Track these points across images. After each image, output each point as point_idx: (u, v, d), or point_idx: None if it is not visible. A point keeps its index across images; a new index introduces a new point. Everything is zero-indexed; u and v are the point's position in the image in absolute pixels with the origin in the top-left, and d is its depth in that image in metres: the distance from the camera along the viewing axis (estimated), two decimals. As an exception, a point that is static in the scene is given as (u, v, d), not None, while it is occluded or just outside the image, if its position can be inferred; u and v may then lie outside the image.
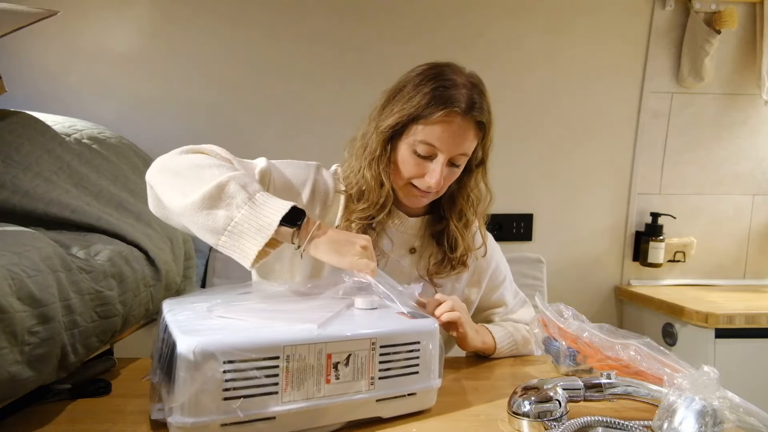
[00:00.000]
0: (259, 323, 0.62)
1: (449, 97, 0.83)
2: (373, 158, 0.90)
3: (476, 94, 0.86)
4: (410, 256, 0.98)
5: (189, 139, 1.57)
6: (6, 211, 0.92)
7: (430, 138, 0.84)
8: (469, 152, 0.88)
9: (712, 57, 1.58)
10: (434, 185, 0.85)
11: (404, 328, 0.68)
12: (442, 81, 0.86)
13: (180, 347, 0.54)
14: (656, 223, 1.66)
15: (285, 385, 0.58)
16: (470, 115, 0.84)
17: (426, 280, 0.96)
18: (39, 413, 0.70)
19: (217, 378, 0.54)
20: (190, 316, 0.64)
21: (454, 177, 0.90)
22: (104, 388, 0.77)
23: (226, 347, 0.55)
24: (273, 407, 0.58)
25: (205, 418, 0.54)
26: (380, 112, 0.90)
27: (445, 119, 0.83)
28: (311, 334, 0.60)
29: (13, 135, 1.03)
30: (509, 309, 1.05)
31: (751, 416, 0.57)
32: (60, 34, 1.53)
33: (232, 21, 1.56)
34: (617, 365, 0.78)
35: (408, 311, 0.73)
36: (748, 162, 1.70)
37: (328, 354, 0.61)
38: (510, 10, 1.59)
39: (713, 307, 1.38)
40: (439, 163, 0.85)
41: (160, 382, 0.62)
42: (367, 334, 0.64)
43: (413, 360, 0.68)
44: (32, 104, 1.39)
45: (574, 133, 1.65)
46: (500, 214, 1.68)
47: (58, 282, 0.71)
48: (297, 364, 0.59)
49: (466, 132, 0.85)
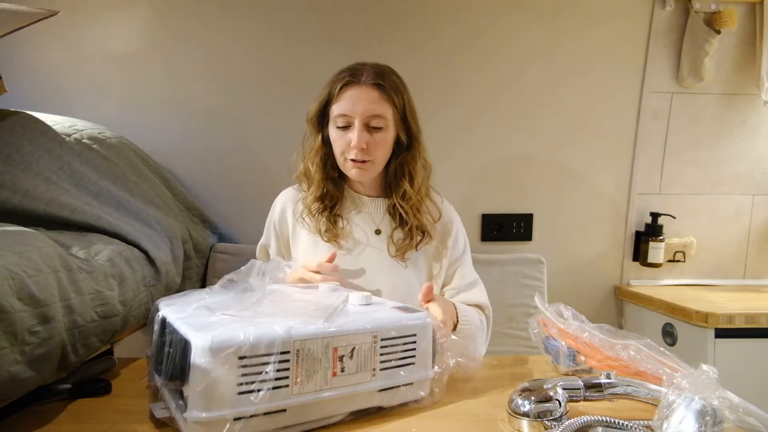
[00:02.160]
0: (267, 320, 0.63)
1: (349, 74, 0.99)
2: (313, 150, 1.06)
3: (376, 70, 1.00)
4: (377, 237, 1.08)
5: (189, 139, 1.59)
6: (6, 211, 0.92)
7: (342, 109, 0.98)
8: (384, 114, 0.99)
9: (712, 57, 1.58)
10: (355, 144, 0.97)
11: (402, 321, 0.72)
12: (345, 68, 1.02)
13: (195, 344, 0.55)
14: (656, 223, 1.66)
15: (295, 379, 0.61)
16: (369, 83, 0.98)
17: (396, 259, 1.06)
18: (39, 413, 0.70)
19: (231, 373, 0.56)
20: (194, 314, 0.65)
21: (384, 143, 1.01)
22: (104, 388, 0.77)
23: (241, 343, 0.57)
24: (284, 400, 0.60)
25: (220, 412, 0.56)
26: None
27: (348, 90, 0.98)
28: (319, 329, 0.63)
29: (13, 135, 1.03)
30: (463, 286, 1.11)
31: (750, 416, 0.57)
32: (60, 34, 1.53)
33: (232, 21, 1.56)
34: (617, 365, 0.78)
35: (401, 306, 0.78)
36: (748, 162, 1.70)
37: (335, 348, 0.64)
38: (509, 9, 1.59)
39: (713, 307, 1.38)
40: (355, 128, 0.98)
41: (165, 380, 0.62)
42: (369, 328, 0.68)
43: (410, 351, 0.72)
44: (32, 104, 1.39)
45: (574, 132, 1.65)
46: (500, 214, 1.68)
47: (58, 282, 0.71)
48: (306, 358, 0.61)
49: (369, 95, 0.97)
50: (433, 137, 1.62)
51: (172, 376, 0.60)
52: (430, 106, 1.62)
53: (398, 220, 1.07)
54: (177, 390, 0.61)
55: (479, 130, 1.64)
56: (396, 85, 1.02)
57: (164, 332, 0.66)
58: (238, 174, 1.61)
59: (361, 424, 0.67)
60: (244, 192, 1.61)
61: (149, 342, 0.71)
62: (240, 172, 1.61)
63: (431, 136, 1.63)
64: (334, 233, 1.05)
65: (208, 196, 1.60)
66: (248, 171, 1.61)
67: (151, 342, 0.70)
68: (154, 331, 0.68)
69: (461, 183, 1.65)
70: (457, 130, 1.64)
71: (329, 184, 1.07)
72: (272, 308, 0.72)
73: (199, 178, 1.60)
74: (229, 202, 1.61)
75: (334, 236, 1.05)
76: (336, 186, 1.08)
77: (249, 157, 1.61)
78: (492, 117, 1.64)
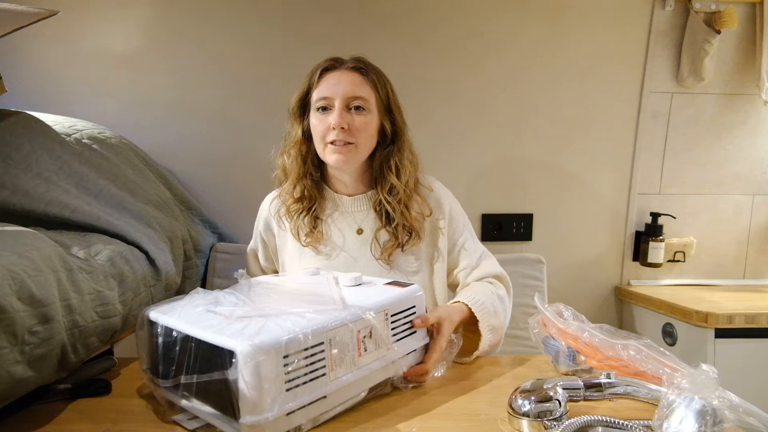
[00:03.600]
0: (285, 314, 0.66)
1: (330, 60, 1.00)
2: (292, 142, 1.04)
3: (358, 57, 1.01)
4: (359, 238, 1.04)
5: (189, 139, 1.59)
6: (6, 211, 0.92)
7: (322, 93, 0.97)
8: (366, 96, 0.97)
9: (712, 57, 1.58)
10: (335, 122, 0.94)
11: (402, 296, 0.79)
12: (324, 59, 1.02)
13: (240, 351, 0.56)
14: (656, 223, 1.66)
15: (331, 366, 0.65)
16: (349, 67, 0.98)
17: (380, 261, 1.01)
18: (39, 413, 0.70)
19: (278, 372, 0.59)
20: (212, 323, 0.65)
21: (368, 125, 0.98)
22: (104, 388, 0.78)
23: (282, 343, 0.59)
24: (324, 387, 0.64)
25: (273, 412, 0.58)
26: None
27: (328, 75, 0.98)
28: (343, 316, 0.67)
29: (13, 135, 1.03)
30: (473, 262, 1.06)
31: (750, 416, 0.57)
32: (60, 34, 1.53)
33: (232, 21, 1.56)
34: (617, 365, 0.78)
35: (390, 281, 0.84)
36: (748, 162, 1.70)
37: (358, 330, 0.69)
38: (509, 9, 1.59)
39: (713, 307, 1.37)
40: (336, 107, 0.96)
41: (186, 394, 0.64)
42: (381, 307, 0.73)
43: (409, 321, 0.79)
44: (32, 104, 1.39)
45: (574, 132, 1.65)
46: (500, 214, 1.68)
47: (58, 282, 0.71)
48: (337, 345, 0.66)
49: (350, 77, 0.97)
50: (433, 137, 1.64)
51: (208, 389, 0.62)
52: (430, 106, 1.62)
53: (384, 219, 1.02)
54: (208, 398, 0.62)
55: (479, 130, 1.64)
56: (379, 73, 1.01)
57: (172, 345, 0.65)
58: (238, 174, 1.61)
59: (362, 423, 0.67)
60: (244, 192, 1.61)
61: (144, 357, 0.71)
62: (240, 172, 1.61)
63: (431, 136, 1.64)
64: (314, 237, 1.03)
65: (208, 196, 1.60)
66: (248, 171, 1.61)
67: (149, 355, 0.70)
68: (158, 344, 0.68)
69: (461, 183, 1.65)
70: (457, 129, 1.64)
71: (308, 182, 1.03)
72: (276, 302, 0.72)
73: (199, 178, 1.60)
74: (229, 202, 1.61)
75: (314, 240, 1.03)
76: (316, 185, 1.04)
77: (249, 157, 1.61)
78: (492, 117, 1.64)
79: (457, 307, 0.93)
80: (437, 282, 1.06)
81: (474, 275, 1.05)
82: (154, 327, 0.69)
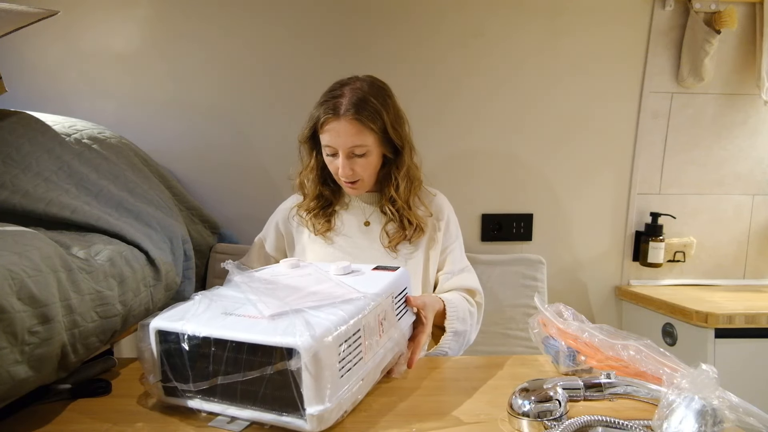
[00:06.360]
0: (325, 309, 0.68)
1: (328, 107, 1.03)
2: (308, 167, 1.14)
3: (354, 98, 1.02)
4: (366, 229, 1.15)
5: (189, 139, 1.59)
6: (6, 211, 0.92)
7: (326, 141, 1.05)
8: (365, 143, 1.04)
9: (712, 57, 1.58)
10: (341, 175, 1.07)
11: (398, 279, 0.85)
12: (328, 94, 1.05)
13: (301, 346, 0.59)
14: (656, 223, 1.66)
15: (365, 350, 0.70)
16: (349, 117, 1.01)
17: (387, 250, 1.12)
18: (39, 413, 0.70)
19: (334, 362, 0.62)
20: (247, 325, 0.65)
21: (370, 165, 1.08)
22: (104, 388, 0.78)
23: (336, 334, 0.62)
24: (362, 369, 0.69)
25: (334, 399, 0.62)
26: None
27: (329, 125, 1.03)
28: (370, 303, 0.72)
29: (13, 135, 1.03)
30: (455, 270, 1.16)
31: (750, 416, 0.57)
32: (60, 34, 1.53)
33: (232, 20, 1.56)
34: (617, 365, 0.78)
35: (377, 266, 0.91)
36: (748, 162, 1.70)
37: (378, 314, 0.74)
38: (508, 9, 1.59)
39: (713, 307, 1.38)
40: (340, 158, 1.05)
41: (223, 397, 0.65)
42: (389, 291, 0.80)
43: (404, 300, 0.87)
44: (32, 104, 1.39)
45: (574, 132, 1.65)
46: (500, 214, 1.68)
47: (58, 282, 0.71)
48: (368, 331, 0.71)
49: (348, 129, 1.02)
50: (432, 137, 1.64)
51: (251, 391, 0.63)
52: (430, 106, 1.62)
53: (389, 215, 1.14)
54: (250, 400, 0.64)
55: (479, 130, 1.64)
56: (375, 110, 1.03)
57: (197, 352, 0.65)
58: (238, 174, 1.61)
59: (362, 423, 0.67)
60: (244, 192, 1.61)
61: (154, 370, 0.69)
62: (240, 172, 1.61)
63: (431, 136, 1.64)
64: (327, 228, 1.16)
65: (208, 196, 1.60)
66: (248, 171, 1.61)
67: (156, 367, 0.68)
68: (180, 352, 0.66)
69: (461, 183, 1.65)
70: (456, 129, 1.64)
71: (325, 190, 1.17)
72: (295, 298, 0.73)
73: (199, 178, 1.61)
74: (229, 202, 1.62)
75: (326, 230, 1.16)
76: (331, 191, 1.19)
77: (249, 157, 1.61)
78: (492, 117, 1.64)
79: (436, 297, 1.03)
80: (431, 269, 1.15)
81: (453, 282, 1.14)
82: (169, 337, 0.66)
